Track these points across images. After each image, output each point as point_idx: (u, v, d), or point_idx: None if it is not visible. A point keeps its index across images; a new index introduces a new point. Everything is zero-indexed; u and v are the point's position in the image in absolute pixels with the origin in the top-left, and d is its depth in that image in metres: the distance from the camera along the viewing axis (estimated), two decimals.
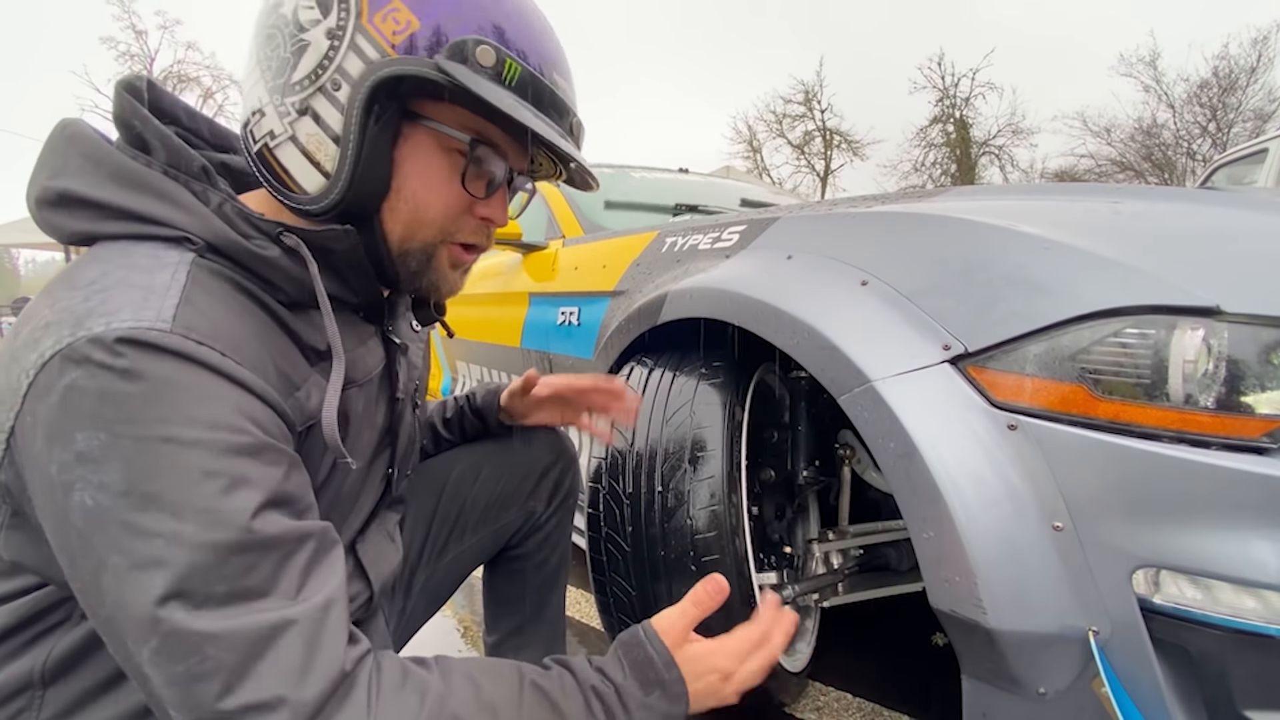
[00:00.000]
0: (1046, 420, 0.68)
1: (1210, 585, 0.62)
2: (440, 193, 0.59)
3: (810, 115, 21.56)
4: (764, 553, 1.20)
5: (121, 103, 0.55)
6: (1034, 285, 0.72)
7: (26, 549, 0.49)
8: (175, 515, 0.42)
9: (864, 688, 1.21)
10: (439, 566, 0.90)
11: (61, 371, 0.42)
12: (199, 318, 0.46)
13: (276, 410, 0.50)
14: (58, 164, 0.52)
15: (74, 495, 0.41)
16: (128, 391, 0.42)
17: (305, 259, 0.54)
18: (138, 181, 0.51)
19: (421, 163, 0.58)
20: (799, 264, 0.97)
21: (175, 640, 0.41)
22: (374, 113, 0.54)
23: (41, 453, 0.42)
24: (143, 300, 0.45)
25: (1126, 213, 0.81)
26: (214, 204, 0.53)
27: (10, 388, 0.44)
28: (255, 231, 0.53)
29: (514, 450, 0.97)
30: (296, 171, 0.56)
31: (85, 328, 0.43)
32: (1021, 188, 1.05)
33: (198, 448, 0.43)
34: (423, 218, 0.59)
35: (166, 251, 0.50)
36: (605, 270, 1.46)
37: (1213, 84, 15.92)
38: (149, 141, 0.54)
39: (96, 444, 0.41)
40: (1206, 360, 0.64)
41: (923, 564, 0.72)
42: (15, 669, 0.50)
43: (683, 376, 1.05)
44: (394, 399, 0.73)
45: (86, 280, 0.46)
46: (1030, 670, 0.69)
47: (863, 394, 0.76)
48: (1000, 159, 20.16)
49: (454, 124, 0.58)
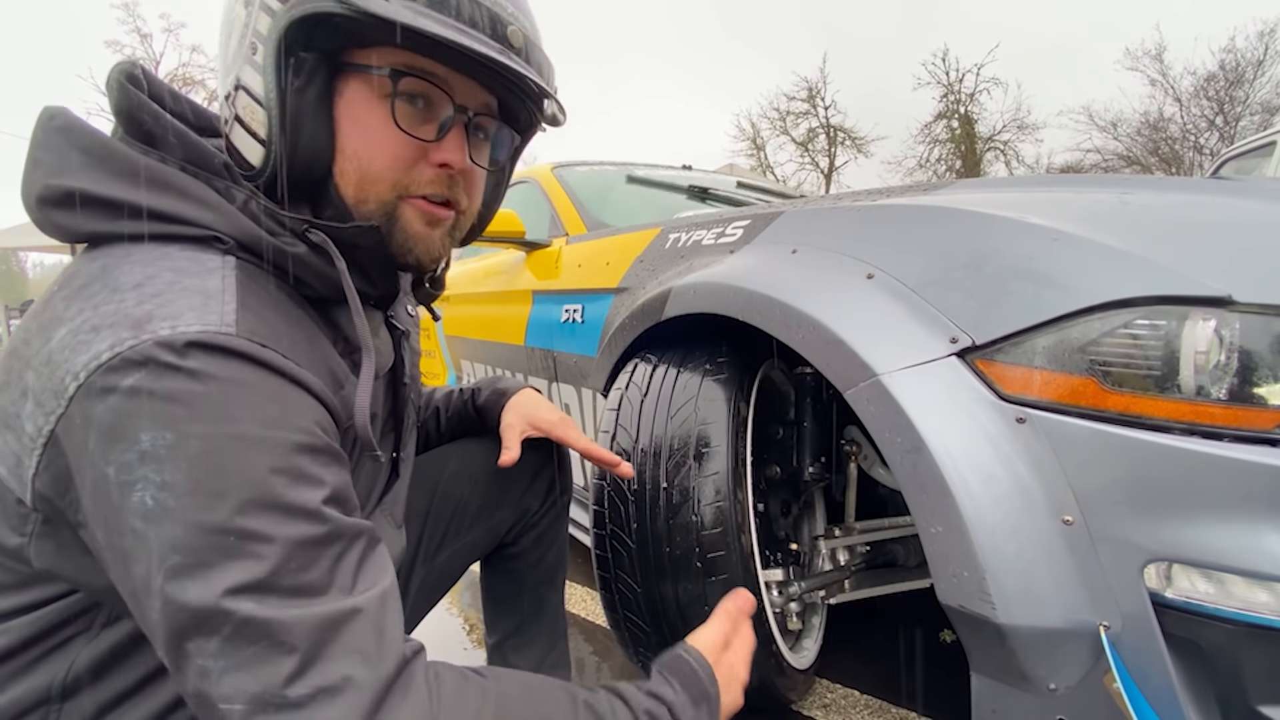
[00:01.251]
0: (1055, 413, 0.67)
1: (1223, 579, 0.62)
2: (381, 141, 0.55)
3: (814, 112, 21.53)
4: (770, 549, 1.20)
5: (126, 95, 0.52)
6: (1042, 277, 0.71)
7: (58, 556, 0.48)
8: (241, 512, 0.42)
9: (871, 684, 1.21)
10: (434, 565, 0.89)
11: (123, 373, 0.41)
12: (258, 321, 0.47)
13: (330, 410, 0.50)
14: (56, 161, 0.50)
15: (133, 495, 0.41)
16: (197, 392, 0.42)
17: (333, 255, 0.54)
18: (158, 180, 0.50)
19: (358, 113, 0.54)
20: (804, 258, 0.96)
21: (247, 628, 0.41)
22: (291, 66, 0.51)
23: (96, 453, 0.42)
24: (203, 304, 0.45)
25: (1135, 203, 0.80)
26: (239, 201, 0.52)
27: (51, 390, 0.43)
28: (281, 228, 0.53)
29: None
30: (245, 150, 0.54)
31: (149, 330, 0.42)
32: (1027, 179, 1.05)
33: (264, 446, 0.43)
34: (369, 172, 0.55)
35: (204, 254, 0.49)
36: (609, 267, 1.45)
37: (1220, 77, 15.80)
38: (161, 137, 0.52)
39: (163, 443, 0.41)
40: (1218, 351, 0.63)
41: (930, 559, 0.72)
42: (33, 682, 0.50)
43: (687, 373, 1.05)
44: (399, 384, 0.73)
45: (131, 283, 0.45)
46: (1040, 666, 0.68)
47: (869, 388, 0.76)
48: (1005, 154, 20.09)
49: (383, 63, 0.54)
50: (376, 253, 0.57)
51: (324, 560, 0.45)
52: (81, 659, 0.50)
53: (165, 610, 0.41)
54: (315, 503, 0.45)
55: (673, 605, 0.95)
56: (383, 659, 0.44)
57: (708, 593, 0.93)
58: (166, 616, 0.41)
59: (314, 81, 0.53)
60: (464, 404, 0.98)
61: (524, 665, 0.99)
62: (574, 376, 1.55)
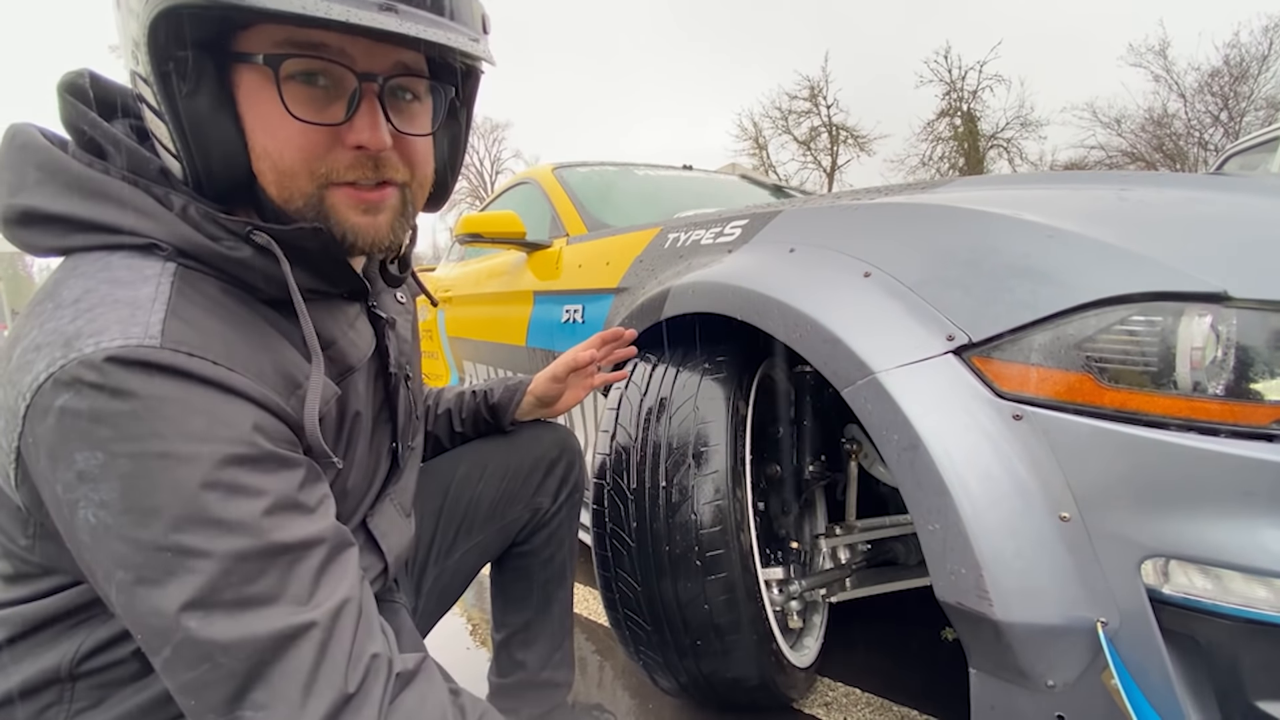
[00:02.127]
0: (1052, 410, 0.67)
1: (1220, 574, 0.62)
2: (284, 133, 0.51)
3: (816, 111, 21.49)
4: (770, 548, 1.20)
5: (67, 107, 0.52)
6: (1038, 274, 0.71)
7: (59, 555, 0.50)
8: (177, 529, 0.42)
9: (872, 682, 1.21)
10: (448, 565, 0.90)
11: (55, 394, 0.42)
12: (187, 330, 0.46)
13: (276, 414, 0.49)
14: (15, 179, 0.50)
15: (79, 513, 0.42)
16: (120, 410, 0.42)
17: (277, 256, 0.51)
18: (98, 191, 0.49)
19: (258, 107, 0.50)
20: (801, 257, 0.96)
21: (186, 648, 0.42)
22: (174, 69, 0.48)
23: (46, 471, 0.43)
24: (130, 316, 0.44)
25: (1132, 199, 0.80)
26: (178, 207, 0.50)
27: (10, 410, 0.44)
28: (224, 233, 0.51)
29: (519, 447, 0.97)
30: (168, 163, 0.52)
31: (75, 349, 0.42)
32: (1025, 177, 1.04)
33: (195, 462, 0.43)
34: (284, 168, 0.52)
35: (144, 262, 0.48)
36: (608, 267, 1.46)
37: (1224, 73, 15.72)
38: (103, 146, 0.52)
39: (95, 463, 0.42)
40: (1215, 347, 0.63)
41: (928, 557, 0.72)
42: (45, 662, 0.52)
43: (686, 372, 1.05)
44: (387, 374, 0.71)
45: (71, 298, 0.46)
46: (1038, 663, 0.68)
47: (866, 386, 0.76)
48: (1009, 152, 20.02)
49: (263, 47, 0.49)
50: (326, 250, 0.55)
51: (272, 571, 0.44)
52: (89, 642, 0.52)
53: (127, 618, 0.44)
54: (254, 514, 0.44)
55: (673, 604, 0.95)
56: (330, 678, 0.44)
57: (707, 591, 0.93)
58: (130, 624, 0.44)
59: (204, 80, 0.49)
60: (477, 406, 0.99)
61: (529, 662, 1.00)
62: None
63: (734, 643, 0.95)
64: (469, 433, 0.99)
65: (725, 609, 0.93)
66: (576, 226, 1.84)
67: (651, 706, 1.18)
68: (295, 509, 0.47)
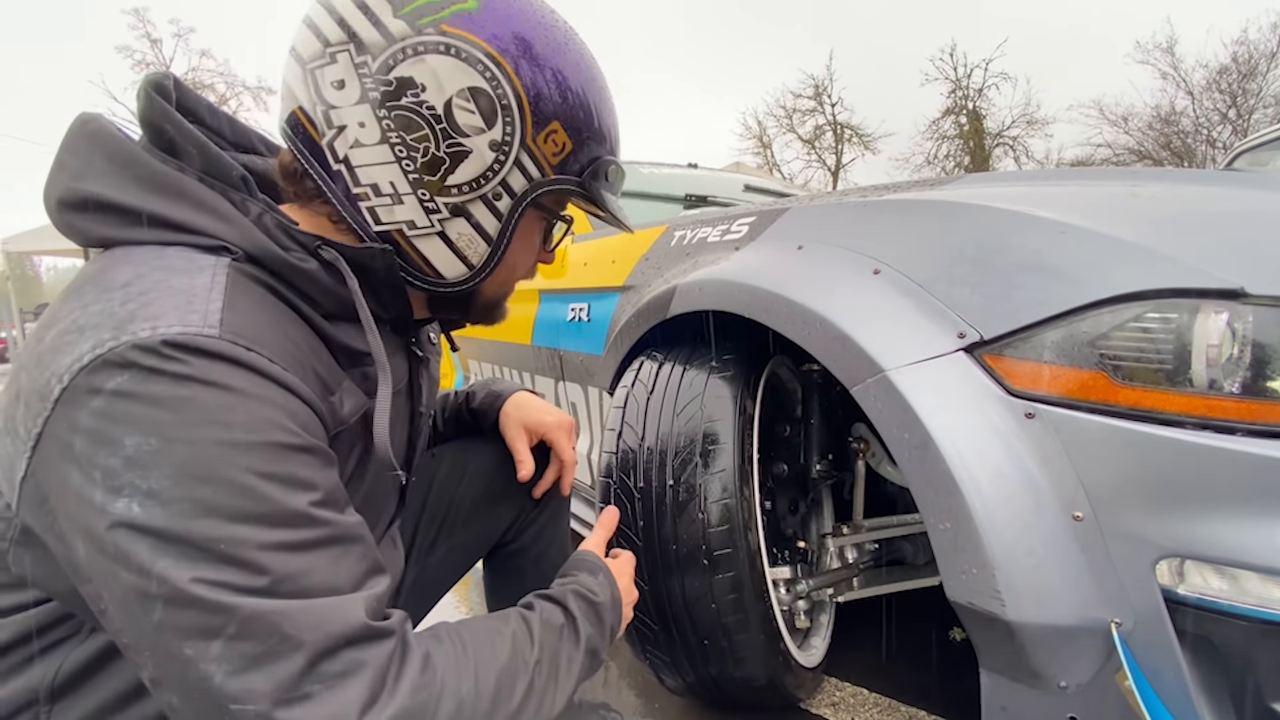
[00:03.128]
0: (1065, 408, 0.67)
1: (1237, 575, 0.61)
2: (531, 257, 0.67)
3: (820, 109, 21.43)
4: (777, 547, 1.19)
5: (151, 104, 0.53)
6: (1051, 270, 0.70)
7: (34, 566, 0.48)
8: (233, 519, 0.41)
9: (880, 683, 1.20)
10: (429, 563, 0.89)
11: (105, 375, 0.41)
12: (244, 322, 0.46)
13: (318, 414, 0.50)
14: (80, 164, 0.51)
15: (118, 502, 0.40)
16: (181, 396, 0.41)
17: (345, 274, 0.55)
18: (174, 189, 0.50)
19: (528, 239, 0.64)
20: (809, 254, 0.96)
21: (254, 622, 0.41)
22: (520, 212, 0.59)
23: (82, 457, 0.41)
24: (187, 303, 0.44)
25: (1145, 195, 0.80)
26: (254, 215, 0.52)
27: (38, 393, 0.42)
28: (294, 244, 0.53)
29: (499, 445, 0.94)
30: (438, 261, 0.60)
31: (129, 331, 0.42)
32: (1035, 173, 1.04)
33: (254, 451, 0.43)
34: (514, 275, 0.67)
35: (200, 254, 0.49)
36: (614, 265, 1.45)
37: (1232, 70, 15.61)
38: (181, 147, 0.52)
39: (148, 449, 0.40)
40: (1231, 344, 0.62)
41: (939, 556, 0.71)
42: (22, 683, 0.49)
43: (693, 370, 1.04)
44: (416, 411, 0.73)
45: (120, 282, 0.45)
46: (1051, 663, 0.68)
47: (875, 384, 0.75)
48: (1015, 150, 19.93)
49: (557, 205, 0.65)
50: (388, 276, 0.58)
51: (320, 561, 0.45)
52: (69, 662, 0.50)
53: (164, 614, 0.40)
54: (303, 505, 0.44)
55: (680, 603, 0.95)
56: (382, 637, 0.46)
57: (714, 590, 0.92)
58: (164, 621, 0.40)
59: (521, 218, 0.60)
60: (459, 407, 0.98)
61: None
62: (580, 375, 1.55)
63: (741, 642, 0.94)
64: (449, 433, 0.99)
65: (733, 608, 0.93)
66: (582, 225, 1.84)
67: (658, 706, 1.17)
68: (339, 504, 0.49)
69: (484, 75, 0.53)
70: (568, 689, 0.59)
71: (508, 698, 0.52)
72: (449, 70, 0.53)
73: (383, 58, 0.53)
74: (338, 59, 0.53)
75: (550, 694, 0.57)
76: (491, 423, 0.96)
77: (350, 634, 0.44)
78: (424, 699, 0.46)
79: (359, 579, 0.47)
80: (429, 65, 0.53)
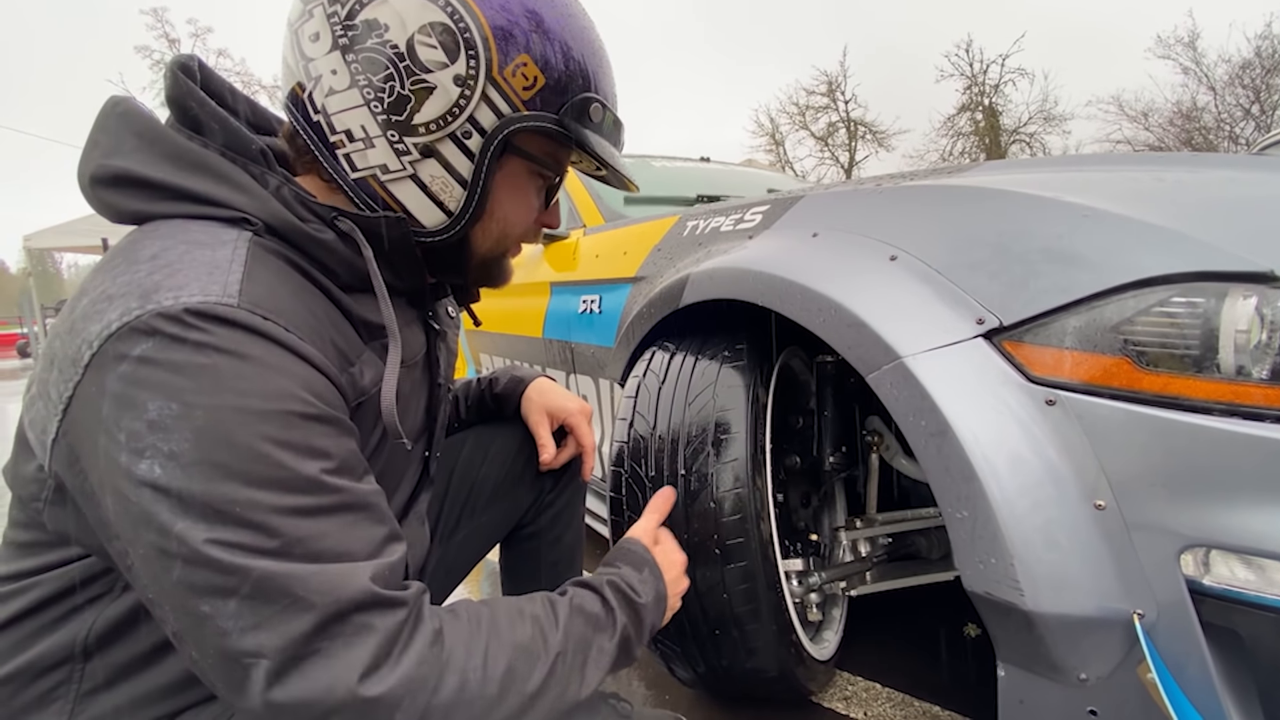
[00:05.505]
0: (1087, 395, 0.65)
1: (1264, 565, 0.59)
2: (526, 213, 0.65)
3: (834, 106, 21.28)
4: (789, 540, 1.18)
5: (177, 83, 0.55)
6: (1073, 255, 0.69)
7: (71, 522, 0.50)
8: (248, 484, 0.43)
9: (893, 678, 1.19)
10: (451, 544, 0.91)
11: (131, 342, 0.42)
12: (263, 293, 0.47)
13: (336, 384, 0.51)
14: (112, 142, 0.53)
15: (142, 462, 0.42)
16: (200, 364, 0.43)
17: (360, 243, 0.56)
18: (198, 163, 0.52)
19: (515, 189, 0.63)
20: (825, 241, 0.94)
21: (266, 583, 0.42)
22: (497, 156, 0.57)
23: (110, 419, 0.42)
24: (208, 275, 0.46)
25: (1171, 180, 0.78)
26: (272, 187, 0.54)
27: (70, 358, 0.44)
28: (311, 215, 0.54)
29: (522, 428, 0.96)
30: (414, 207, 0.58)
31: (154, 301, 0.43)
32: (1057, 160, 1.02)
33: (269, 418, 0.44)
34: (509, 234, 0.65)
35: (223, 229, 0.51)
36: (626, 257, 1.44)
37: (1256, 65, 15.30)
38: (205, 123, 0.54)
39: (169, 414, 0.42)
40: (1259, 330, 0.61)
41: (956, 546, 0.70)
42: (57, 640, 0.51)
43: (705, 360, 1.03)
44: (435, 384, 0.74)
45: (148, 255, 0.47)
46: (1071, 655, 0.66)
47: (892, 371, 0.74)
48: (1031, 146, 19.67)
49: (541, 153, 0.62)
50: (402, 244, 0.59)
51: (332, 526, 0.46)
52: (102, 620, 0.52)
53: (182, 572, 0.42)
54: (316, 472, 0.46)
55: (691, 592, 0.94)
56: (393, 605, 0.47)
57: (726, 580, 0.92)
58: (182, 579, 0.42)
59: (499, 162, 0.59)
60: (481, 393, 1.00)
61: None
62: (591, 367, 1.55)
63: (753, 633, 0.93)
64: (473, 419, 1.01)
65: (744, 598, 0.92)
66: (594, 217, 1.83)
67: (669, 697, 1.17)
68: (355, 472, 0.50)
69: (445, 9, 0.53)
70: (594, 679, 0.58)
71: (522, 680, 0.52)
72: (411, 8, 0.53)
73: (350, 4, 0.53)
74: (314, 14, 0.54)
75: (574, 682, 0.56)
76: (514, 408, 0.97)
77: (360, 599, 0.45)
78: (427, 672, 0.47)
79: (373, 546, 0.48)
80: (392, 6, 0.53)
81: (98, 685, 0.52)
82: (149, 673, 0.53)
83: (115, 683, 0.52)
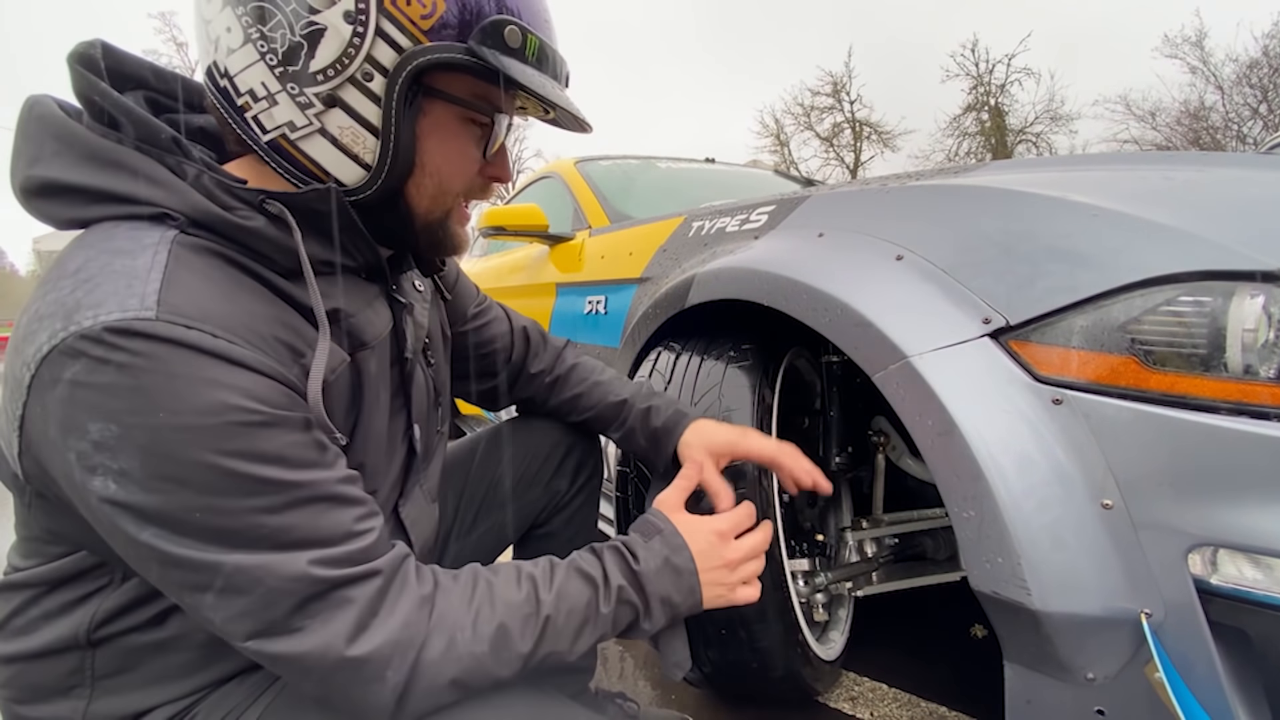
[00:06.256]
0: (1094, 394, 0.65)
1: (1272, 564, 0.59)
2: (462, 164, 0.60)
3: (839, 107, 21.30)
4: (796, 540, 1.18)
5: (78, 78, 0.52)
6: (1080, 254, 0.69)
7: (57, 520, 0.51)
8: (204, 492, 0.44)
9: (899, 678, 1.18)
10: (468, 542, 0.92)
11: (61, 365, 0.42)
12: (184, 299, 0.45)
13: (281, 381, 0.49)
14: (34, 150, 0.50)
15: (95, 480, 0.43)
16: (129, 385, 0.42)
17: (291, 225, 0.52)
18: (113, 161, 0.50)
19: (445, 138, 0.58)
20: (830, 241, 0.95)
21: (238, 577, 0.45)
22: (408, 99, 0.53)
23: (57, 441, 0.43)
24: (126, 287, 0.44)
25: (1178, 179, 0.78)
26: (190, 176, 0.50)
27: (16, 379, 0.45)
28: (237, 202, 0.51)
29: (538, 429, 0.97)
30: (329, 164, 0.55)
31: (75, 322, 0.43)
32: (1063, 159, 1.01)
33: (209, 432, 0.44)
34: (446, 188, 0.60)
35: (146, 231, 0.48)
36: (631, 257, 1.45)
37: (1263, 64, 15.23)
38: (114, 117, 0.51)
39: (110, 434, 0.42)
40: (1267, 328, 0.61)
41: (963, 545, 0.70)
42: (63, 628, 0.53)
43: (710, 360, 1.04)
44: (402, 359, 0.70)
45: (72, 269, 0.46)
46: (1078, 655, 0.66)
47: (898, 370, 0.74)
48: (1038, 146, 19.61)
49: (468, 94, 0.57)
50: (341, 217, 0.55)
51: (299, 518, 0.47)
52: (104, 608, 0.53)
53: (160, 571, 0.46)
54: (272, 474, 0.46)
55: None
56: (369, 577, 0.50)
57: None
58: (162, 577, 0.46)
59: (416, 108, 0.55)
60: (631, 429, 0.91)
61: None
62: None
63: (759, 633, 0.94)
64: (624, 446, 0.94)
65: None
66: (599, 219, 1.84)
67: (674, 697, 1.17)
68: (315, 464, 0.49)
69: None
70: (586, 642, 0.60)
71: (512, 639, 0.55)
72: None
73: None
74: None
75: (564, 641, 0.58)
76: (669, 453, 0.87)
77: (334, 578, 0.47)
78: (414, 633, 0.50)
79: (344, 529, 0.49)
80: None
81: (112, 671, 0.54)
82: (162, 654, 0.55)
83: (129, 667, 0.54)
